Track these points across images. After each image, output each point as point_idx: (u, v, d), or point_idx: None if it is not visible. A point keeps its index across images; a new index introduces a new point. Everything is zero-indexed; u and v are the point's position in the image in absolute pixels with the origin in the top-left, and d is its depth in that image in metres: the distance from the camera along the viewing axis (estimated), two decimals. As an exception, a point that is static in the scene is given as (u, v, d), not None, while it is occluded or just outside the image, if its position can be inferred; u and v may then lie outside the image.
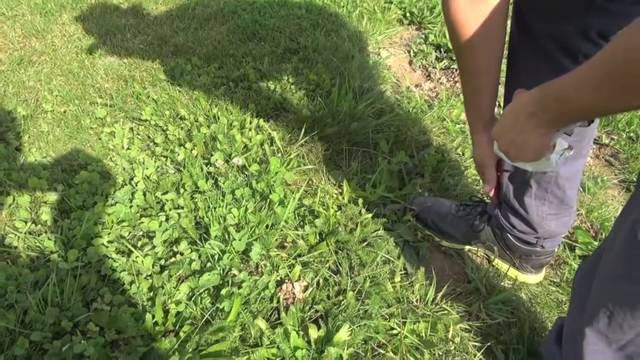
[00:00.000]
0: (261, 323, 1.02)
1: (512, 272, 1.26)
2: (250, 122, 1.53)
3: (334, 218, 1.28)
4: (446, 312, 1.14)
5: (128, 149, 1.40)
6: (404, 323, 1.09)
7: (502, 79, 0.98)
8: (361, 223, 1.29)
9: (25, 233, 1.10)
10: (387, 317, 1.10)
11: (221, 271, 1.08)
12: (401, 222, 1.36)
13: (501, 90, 1.01)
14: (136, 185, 1.24)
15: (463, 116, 1.82)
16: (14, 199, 1.17)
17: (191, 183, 1.28)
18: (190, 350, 0.95)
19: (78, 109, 1.52)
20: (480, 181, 1.57)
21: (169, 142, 1.44)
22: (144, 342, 0.96)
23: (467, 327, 1.13)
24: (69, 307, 0.97)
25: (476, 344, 1.10)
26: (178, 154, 1.38)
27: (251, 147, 1.43)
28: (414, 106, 1.77)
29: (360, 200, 1.37)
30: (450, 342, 1.09)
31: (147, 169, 1.29)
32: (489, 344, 1.10)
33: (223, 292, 1.04)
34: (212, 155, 1.38)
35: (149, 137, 1.47)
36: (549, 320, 1.18)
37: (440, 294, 1.18)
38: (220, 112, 1.52)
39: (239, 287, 1.06)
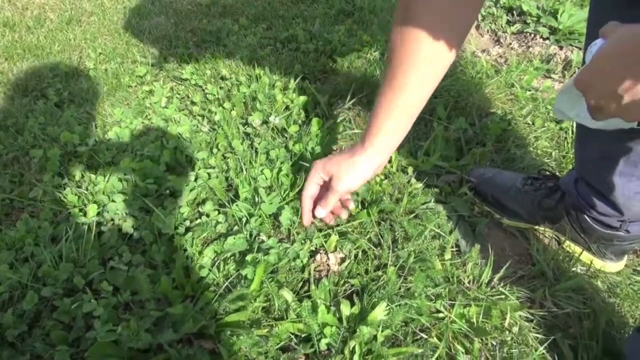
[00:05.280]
0: (287, 294, 0.91)
1: (586, 257, 1.08)
2: (295, 83, 1.41)
3: (378, 186, 1.15)
4: (503, 296, 0.98)
5: (165, 107, 1.33)
6: (452, 306, 0.95)
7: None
8: (409, 193, 1.15)
9: (51, 186, 1.06)
10: (433, 297, 0.96)
11: (248, 235, 0.98)
12: (456, 195, 1.20)
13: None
14: (167, 143, 1.16)
15: (535, 82, 1.61)
16: (44, 153, 1.13)
17: (226, 143, 1.19)
18: (207, 317, 0.86)
19: (119, 67, 1.47)
20: (553, 153, 1.37)
21: (208, 101, 1.36)
22: (160, 306, 0.89)
23: (529, 315, 0.96)
24: (84, 264, 0.91)
25: (538, 335, 0.94)
26: (215, 114, 1.30)
27: (293, 108, 1.32)
28: (479, 71, 1.59)
29: (410, 169, 1.22)
30: (507, 332, 0.93)
31: (181, 126, 1.22)
32: (554, 337, 0.93)
33: (248, 258, 0.94)
34: (251, 115, 1.28)
35: (188, 96, 1.40)
36: (631, 314, 0.99)
37: (497, 276, 1.02)
38: (263, 72, 1.42)
39: (266, 254, 0.95)
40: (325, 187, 0.99)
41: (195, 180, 1.07)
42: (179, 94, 1.40)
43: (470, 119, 1.39)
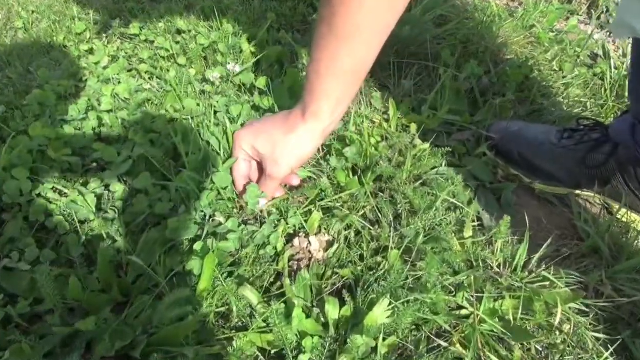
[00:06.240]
0: (250, 294, 0.66)
1: (651, 227, 0.82)
2: (269, 33, 1.15)
3: (373, 149, 0.89)
4: (547, 283, 0.72)
5: (107, 67, 1.07)
6: (480, 300, 0.69)
7: None
8: (414, 156, 0.89)
9: (-59, 166, 0.80)
10: (452, 289, 0.71)
11: (198, 217, 0.73)
12: (473, 156, 0.95)
13: None
14: (99, 106, 0.91)
15: (557, 25, 1.35)
16: (-60, 126, 0.87)
17: (178, 105, 0.94)
18: (138, 332, 0.61)
19: (53, 25, 1.21)
20: (587, 103, 1.11)
21: (160, 58, 1.10)
22: (74, 318, 0.63)
23: (583, 308, 0.71)
24: (-34, 265, 0.66)
25: (598, 334, 0.69)
26: (168, 71, 1.04)
27: (263, 60, 1.06)
28: (489, 14, 1.32)
29: (413, 127, 0.97)
30: (557, 332, 0.68)
31: (119, 86, 0.96)
32: (620, 337, 0.68)
33: (197, 246, 0.68)
34: (210, 70, 1.02)
35: (137, 55, 1.13)
36: None
37: (536, 257, 0.76)
38: (227, 20, 1.16)
39: (222, 240, 0.70)
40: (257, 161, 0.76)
41: (132, 149, 0.81)
42: (126, 53, 1.13)
43: (484, 66, 1.13)
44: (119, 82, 1.00)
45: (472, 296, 0.70)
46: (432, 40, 1.17)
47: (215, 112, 0.87)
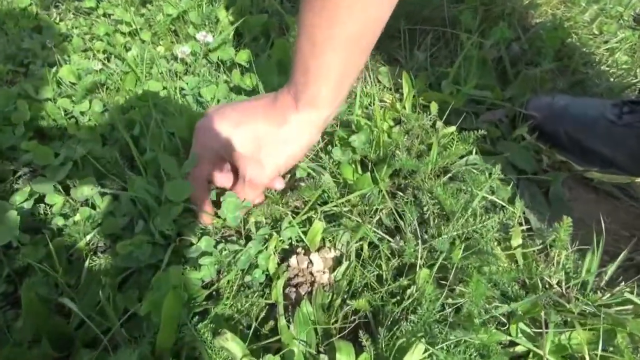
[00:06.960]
0: (231, 344, 0.47)
1: None
2: (252, 1, 0.96)
3: (386, 136, 0.70)
4: (629, 306, 0.54)
5: (53, 47, 0.88)
6: (542, 333, 0.51)
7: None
8: (438, 143, 0.70)
9: None
10: (504, 319, 0.53)
11: (159, 236, 0.54)
12: (510, 140, 0.77)
13: None
14: (37, 94, 0.71)
15: (591, -18, 1.15)
16: None
17: (140, 90, 0.75)
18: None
19: (-7, 1, 1.02)
20: (637, 71, 0.93)
21: (121, 34, 0.91)
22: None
23: (679, 338, 0.53)
24: None
25: None
26: (130, 49, 0.85)
27: (246, 31, 0.86)
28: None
29: (434, 107, 0.78)
30: (651, 375, 0.50)
31: (64, 66, 0.77)
32: None
33: (156, 280, 0.50)
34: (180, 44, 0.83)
35: (93, 32, 0.94)
36: None
37: (609, 271, 0.58)
38: (202, -12, 0.96)
39: (192, 267, 0.52)
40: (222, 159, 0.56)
41: (75, 148, 0.62)
42: (81, 30, 0.94)
43: (511, 31, 0.94)
44: (68, 62, 0.81)
45: (533, 331, 0.52)
46: (448, 2, 0.98)
47: (184, 96, 0.68)
